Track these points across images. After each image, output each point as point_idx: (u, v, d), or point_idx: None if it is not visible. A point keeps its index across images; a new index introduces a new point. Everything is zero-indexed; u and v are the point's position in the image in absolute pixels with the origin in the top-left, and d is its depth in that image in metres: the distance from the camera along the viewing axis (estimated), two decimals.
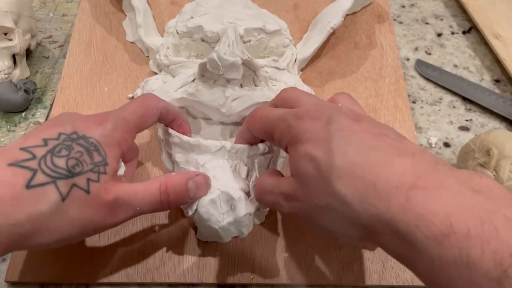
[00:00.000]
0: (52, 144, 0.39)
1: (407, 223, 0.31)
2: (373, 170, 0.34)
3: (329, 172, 0.36)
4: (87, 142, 0.41)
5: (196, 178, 0.45)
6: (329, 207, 0.36)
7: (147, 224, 0.51)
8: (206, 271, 0.48)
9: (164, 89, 0.55)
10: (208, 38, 0.57)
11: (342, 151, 0.36)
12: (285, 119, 0.42)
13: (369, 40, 0.67)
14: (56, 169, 0.38)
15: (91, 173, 0.40)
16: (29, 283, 0.49)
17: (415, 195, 0.32)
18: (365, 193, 0.34)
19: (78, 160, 0.39)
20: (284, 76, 0.57)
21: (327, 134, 0.38)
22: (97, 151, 0.41)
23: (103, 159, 0.41)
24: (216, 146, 0.50)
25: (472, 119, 0.64)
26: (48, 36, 0.72)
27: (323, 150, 0.37)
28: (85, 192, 0.39)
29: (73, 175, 0.39)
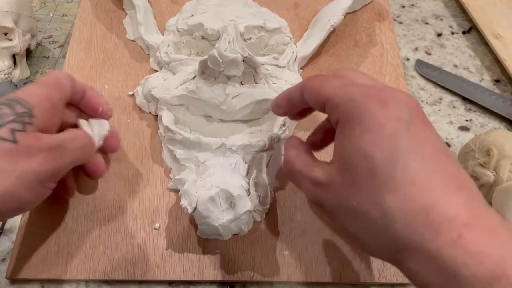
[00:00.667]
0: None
1: (455, 258, 0.30)
2: (430, 195, 0.32)
3: (384, 182, 0.33)
4: (9, 99, 0.41)
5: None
6: (367, 215, 0.34)
7: (147, 221, 0.51)
8: (206, 268, 0.48)
9: (164, 86, 0.55)
10: (208, 36, 0.57)
11: (405, 163, 0.33)
12: (348, 91, 0.37)
13: (369, 38, 0.67)
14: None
15: (14, 123, 0.39)
16: (29, 280, 0.49)
17: (468, 233, 0.31)
18: (414, 217, 0.32)
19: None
20: (284, 74, 0.57)
21: (396, 134, 0.34)
22: (19, 103, 0.41)
23: (27, 110, 0.41)
24: (217, 144, 0.50)
25: (472, 119, 0.64)
26: (48, 36, 0.72)
27: (385, 152, 0.34)
28: (11, 142, 0.39)
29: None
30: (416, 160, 0.33)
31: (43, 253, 0.49)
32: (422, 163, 0.33)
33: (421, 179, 0.33)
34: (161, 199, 0.52)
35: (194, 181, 0.48)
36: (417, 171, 0.33)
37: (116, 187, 0.53)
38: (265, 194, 0.49)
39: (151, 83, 0.56)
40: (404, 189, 0.33)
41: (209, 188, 0.46)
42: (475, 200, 0.33)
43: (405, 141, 0.34)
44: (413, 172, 0.33)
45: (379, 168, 0.33)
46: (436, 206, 0.32)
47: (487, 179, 0.52)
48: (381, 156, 0.33)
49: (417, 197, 0.32)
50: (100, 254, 0.49)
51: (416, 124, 0.35)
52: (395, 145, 0.34)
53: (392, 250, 0.34)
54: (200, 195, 0.46)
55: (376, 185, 0.33)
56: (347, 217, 0.36)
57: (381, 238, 0.34)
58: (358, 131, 0.35)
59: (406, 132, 0.34)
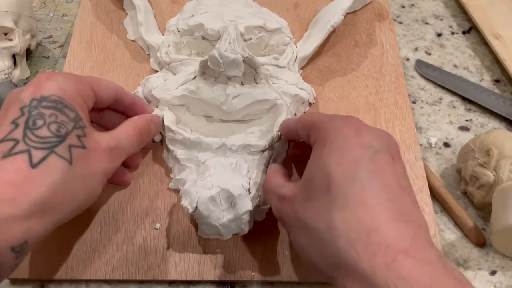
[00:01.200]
0: (22, 121, 0.39)
1: (386, 280, 0.32)
2: (376, 219, 0.34)
3: (337, 199, 0.35)
4: (50, 101, 0.40)
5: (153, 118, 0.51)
6: (316, 229, 0.36)
7: (148, 221, 0.51)
8: (207, 268, 0.48)
9: (165, 86, 0.55)
10: (209, 36, 0.57)
11: (361, 185, 0.35)
12: (332, 118, 0.41)
13: (369, 38, 0.67)
14: (45, 140, 0.38)
15: (76, 129, 0.40)
16: (29, 280, 0.49)
17: (403, 259, 0.32)
18: (356, 236, 0.34)
19: (58, 123, 0.40)
20: (284, 74, 0.57)
21: (360, 159, 0.37)
22: (66, 107, 0.41)
23: (76, 113, 0.41)
24: (217, 144, 0.50)
25: (472, 119, 0.64)
26: (48, 36, 0.72)
27: (345, 172, 0.36)
28: (82, 148, 0.40)
29: (64, 138, 0.39)
30: (372, 186, 0.35)
31: (43, 253, 0.49)
32: (377, 189, 0.35)
33: (371, 203, 0.35)
34: (162, 199, 0.52)
35: (194, 181, 0.48)
36: (370, 195, 0.35)
37: (116, 187, 0.53)
38: None
39: (152, 83, 0.57)
40: (353, 208, 0.35)
41: (210, 188, 0.46)
42: (419, 235, 0.35)
43: (367, 167, 0.36)
44: (366, 195, 0.35)
45: (335, 185, 0.36)
46: (379, 230, 0.34)
47: (487, 179, 0.52)
48: (340, 175, 0.36)
49: (363, 218, 0.34)
50: (101, 253, 0.49)
51: (383, 155, 0.37)
52: (356, 168, 0.36)
53: (331, 266, 0.35)
54: (200, 195, 0.46)
55: (329, 201, 0.36)
56: (300, 231, 0.38)
57: (323, 252, 0.36)
58: (327, 150, 0.38)
59: (370, 159, 0.37)
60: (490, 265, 0.51)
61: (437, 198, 0.55)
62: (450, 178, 0.58)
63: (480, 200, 0.53)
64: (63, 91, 0.41)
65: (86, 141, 0.41)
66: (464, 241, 0.53)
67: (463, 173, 0.55)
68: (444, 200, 0.55)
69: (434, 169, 0.58)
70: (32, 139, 0.38)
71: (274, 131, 0.52)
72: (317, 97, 0.60)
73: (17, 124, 0.39)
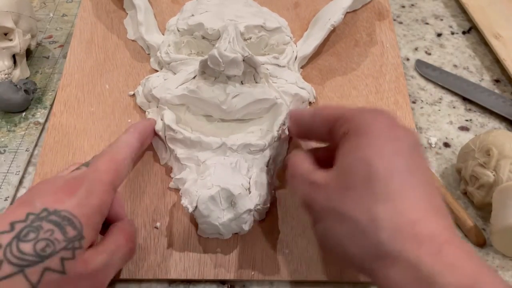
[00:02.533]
0: (19, 227, 0.37)
1: (432, 268, 0.32)
2: (417, 212, 0.35)
3: (378, 191, 0.36)
4: (59, 216, 0.38)
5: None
6: (355, 220, 0.36)
7: (148, 220, 0.51)
8: (207, 267, 0.48)
9: (165, 86, 0.55)
10: (209, 35, 0.58)
11: (402, 179, 0.36)
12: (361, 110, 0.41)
13: (369, 37, 0.67)
14: (23, 256, 0.35)
15: (65, 251, 0.37)
16: None
17: (448, 249, 0.33)
18: (400, 228, 0.34)
19: (48, 241, 0.36)
20: (284, 73, 0.57)
21: (400, 152, 0.37)
22: (71, 224, 0.38)
23: (78, 232, 0.38)
24: (217, 143, 0.50)
25: (472, 119, 0.64)
26: (48, 36, 0.72)
27: (386, 165, 0.36)
28: (60, 274, 0.36)
29: (43, 259, 0.36)
30: (412, 180, 0.36)
31: None
32: (416, 184, 0.36)
33: (412, 196, 0.35)
34: (162, 198, 0.52)
35: (194, 180, 0.48)
36: (411, 189, 0.36)
37: None
38: (266, 193, 0.49)
39: (152, 83, 0.57)
40: (395, 201, 0.35)
41: (210, 187, 0.46)
42: (453, 229, 0.36)
43: (406, 162, 0.37)
44: (407, 188, 0.36)
45: (377, 178, 0.36)
46: (421, 223, 0.34)
47: (487, 179, 0.52)
48: (382, 167, 0.36)
49: (406, 211, 0.35)
50: None
51: (417, 151, 0.38)
52: (397, 161, 0.36)
53: (371, 258, 0.35)
54: (200, 194, 0.46)
55: (370, 192, 0.35)
56: (334, 220, 0.37)
57: (363, 244, 0.36)
58: (364, 142, 0.38)
59: (409, 154, 0.37)
60: (491, 265, 0.51)
61: None
62: (450, 178, 0.58)
63: (480, 200, 0.53)
64: (79, 208, 0.39)
65: (71, 265, 0.37)
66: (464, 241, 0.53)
67: (463, 173, 0.55)
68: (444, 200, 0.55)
69: (434, 169, 0.58)
70: (12, 251, 0.35)
71: (274, 131, 0.52)
72: (317, 96, 0.60)
73: (13, 228, 0.37)
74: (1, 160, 0.58)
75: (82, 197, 0.40)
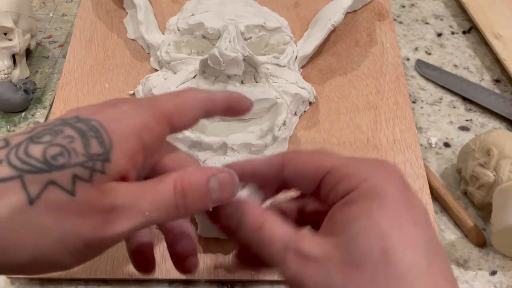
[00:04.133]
0: (39, 129, 0.29)
1: None
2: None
3: (395, 272, 0.28)
4: (87, 125, 0.29)
5: (220, 175, 0.32)
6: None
7: None
8: (207, 267, 0.48)
9: (165, 85, 0.55)
10: (209, 35, 0.57)
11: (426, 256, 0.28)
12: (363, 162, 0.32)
13: (369, 38, 0.67)
14: (27, 160, 0.27)
15: (81, 168, 0.28)
16: (29, 279, 0.49)
17: None
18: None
19: (64, 148, 0.28)
20: (284, 73, 0.57)
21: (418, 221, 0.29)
22: (98, 138, 0.29)
23: (104, 151, 0.29)
24: (218, 143, 0.50)
25: (472, 119, 0.64)
26: (48, 36, 0.72)
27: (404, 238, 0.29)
28: (67, 193, 0.28)
29: (51, 169, 0.27)
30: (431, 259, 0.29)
31: None
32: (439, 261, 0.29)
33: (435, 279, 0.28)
34: None
35: None
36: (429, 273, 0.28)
37: None
38: None
39: (152, 82, 0.57)
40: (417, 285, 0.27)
41: None
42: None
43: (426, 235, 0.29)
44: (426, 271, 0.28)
45: (395, 254, 0.28)
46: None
47: (487, 179, 0.52)
48: (400, 241, 0.28)
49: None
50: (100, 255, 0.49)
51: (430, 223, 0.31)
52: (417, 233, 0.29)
53: None
54: None
55: (384, 273, 0.28)
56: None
57: None
58: (376, 206, 0.30)
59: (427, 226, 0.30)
60: (490, 265, 0.51)
61: (437, 198, 0.55)
62: (450, 178, 0.58)
63: (480, 200, 0.53)
64: (115, 122, 0.30)
65: (83, 189, 0.28)
66: (464, 241, 0.53)
67: (463, 173, 0.55)
68: (444, 200, 0.55)
69: (434, 169, 0.58)
70: (17, 152, 0.28)
71: (275, 130, 0.52)
72: (317, 96, 0.60)
73: (33, 129, 0.29)
74: None
75: (123, 111, 0.31)
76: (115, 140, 0.30)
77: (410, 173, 0.54)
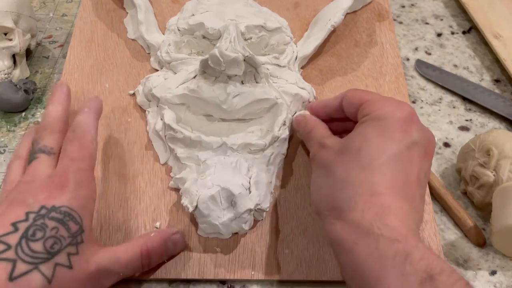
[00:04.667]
0: (22, 227, 0.38)
1: (371, 224, 0.37)
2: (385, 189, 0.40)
3: (364, 161, 0.41)
4: (60, 212, 0.40)
5: (173, 237, 0.47)
6: (335, 176, 0.42)
7: (148, 220, 0.51)
8: (207, 267, 0.48)
9: (165, 85, 0.55)
10: (209, 35, 0.58)
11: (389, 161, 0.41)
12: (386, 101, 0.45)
13: (369, 38, 0.67)
14: (35, 255, 0.37)
15: (70, 246, 0.39)
16: None
17: (391, 217, 0.38)
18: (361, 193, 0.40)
19: (55, 238, 0.39)
20: (285, 73, 0.57)
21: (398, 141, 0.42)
22: (72, 220, 0.40)
23: (79, 227, 0.40)
24: (217, 143, 0.50)
25: (472, 119, 0.64)
26: (48, 36, 0.72)
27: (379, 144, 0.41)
28: (68, 268, 0.39)
29: (53, 255, 0.38)
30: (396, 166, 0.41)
31: None
32: (399, 171, 0.41)
33: (388, 177, 0.40)
34: (162, 198, 0.52)
35: (194, 180, 0.48)
36: (390, 172, 0.40)
37: (116, 186, 0.53)
38: (266, 193, 0.49)
39: (152, 82, 0.57)
40: (371, 173, 0.40)
41: (210, 187, 0.46)
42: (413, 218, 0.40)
43: (400, 150, 0.41)
44: (387, 170, 0.40)
45: (367, 149, 0.41)
46: (381, 196, 0.39)
47: (487, 179, 0.52)
48: (375, 145, 0.42)
49: (374, 183, 0.40)
50: None
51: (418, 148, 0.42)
52: (391, 147, 0.41)
53: (329, 206, 0.42)
54: (201, 194, 0.46)
55: (356, 158, 0.41)
56: (323, 171, 0.44)
57: (330, 194, 0.42)
58: (374, 124, 0.43)
59: (406, 146, 0.42)
60: (490, 265, 0.51)
61: (437, 198, 0.55)
62: (450, 178, 0.58)
63: (480, 200, 0.53)
64: (75, 200, 0.41)
65: (76, 260, 0.39)
66: (464, 241, 0.53)
67: (463, 173, 0.55)
68: (444, 200, 0.55)
69: (434, 169, 0.58)
70: (23, 250, 0.37)
71: (275, 130, 0.52)
72: (317, 96, 0.60)
73: (17, 229, 0.38)
74: (1, 160, 0.58)
75: (74, 189, 0.41)
76: (81, 213, 0.41)
77: None
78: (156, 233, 0.47)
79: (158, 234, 0.47)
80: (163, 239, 0.46)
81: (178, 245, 0.48)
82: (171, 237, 0.47)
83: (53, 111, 0.48)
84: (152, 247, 0.45)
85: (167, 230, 0.48)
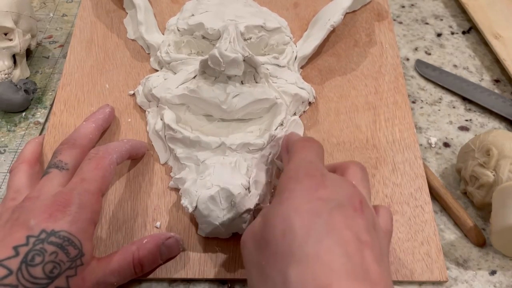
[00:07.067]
0: (23, 251, 0.39)
1: None
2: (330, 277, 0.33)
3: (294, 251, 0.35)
4: (59, 237, 0.40)
5: (167, 242, 0.47)
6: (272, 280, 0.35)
7: (148, 220, 0.51)
8: (207, 267, 0.48)
9: (165, 85, 0.55)
10: (209, 35, 0.58)
11: (319, 238, 0.35)
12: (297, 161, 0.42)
13: (368, 38, 0.67)
14: (35, 280, 0.38)
15: (69, 270, 0.40)
16: None
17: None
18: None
19: (54, 263, 0.39)
20: (284, 73, 0.57)
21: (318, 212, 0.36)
22: (71, 244, 0.40)
23: (79, 251, 0.41)
24: (216, 143, 0.50)
25: (472, 119, 0.64)
26: (48, 36, 0.72)
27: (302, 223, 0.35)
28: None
29: (53, 280, 0.39)
30: (329, 240, 0.34)
31: None
32: (333, 244, 0.34)
33: (327, 259, 0.34)
34: (162, 198, 0.52)
35: (194, 180, 0.48)
36: (326, 250, 0.34)
37: (116, 186, 0.53)
38: (265, 193, 0.50)
39: (152, 83, 0.57)
40: (309, 263, 0.34)
41: (209, 187, 0.46)
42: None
43: (325, 220, 0.35)
44: (322, 249, 0.34)
45: (292, 236, 0.35)
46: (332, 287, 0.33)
47: (487, 179, 0.52)
48: (298, 225, 0.35)
49: (317, 274, 0.33)
50: (101, 252, 0.49)
51: (344, 209, 0.37)
52: (313, 220, 0.35)
53: None
54: (200, 194, 0.46)
55: (286, 252, 0.35)
56: (257, 274, 0.37)
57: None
58: (286, 196, 0.38)
59: (329, 213, 0.36)
60: (490, 265, 0.51)
61: (437, 198, 0.55)
62: (450, 178, 0.58)
63: (480, 200, 0.53)
64: (75, 224, 0.41)
65: (74, 281, 0.40)
66: (464, 241, 0.53)
67: (463, 173, 0.55)
68: (444, 200, 0.55)
69: (434, 169, 0.58)
70: (24, 276, 0.38)
71: (272, 129, 0.52)
72: (317, 96, 0.60)
73: (18, 253, 0.39)
74: (1, 160, 0.58)
75: (75, 212, 0.41)
76: (81, 237, 0.41)
77: (409, 172, 0.54)
78: (149, 239, 0.46)
79: (151, 240, 0.46)
80: (156, 245, 0.46)
81: (173, 249, 0.48)
82: (165, 242, 0.47)
83: (83, 127, 0.50)
84: (143, 255, 0.45)
85: (160, 235, 0.47)
